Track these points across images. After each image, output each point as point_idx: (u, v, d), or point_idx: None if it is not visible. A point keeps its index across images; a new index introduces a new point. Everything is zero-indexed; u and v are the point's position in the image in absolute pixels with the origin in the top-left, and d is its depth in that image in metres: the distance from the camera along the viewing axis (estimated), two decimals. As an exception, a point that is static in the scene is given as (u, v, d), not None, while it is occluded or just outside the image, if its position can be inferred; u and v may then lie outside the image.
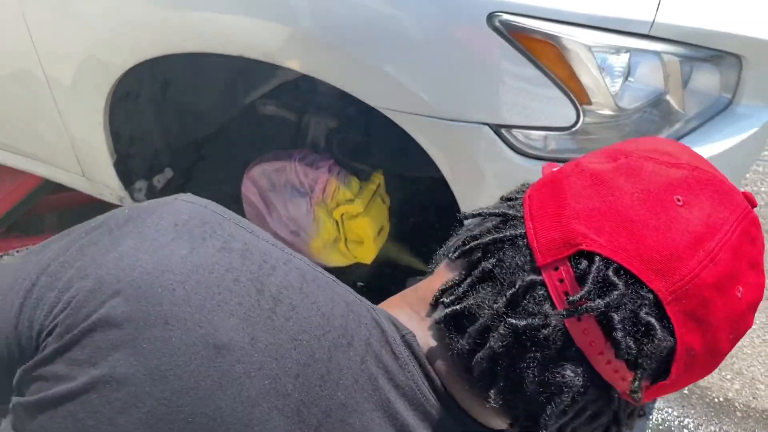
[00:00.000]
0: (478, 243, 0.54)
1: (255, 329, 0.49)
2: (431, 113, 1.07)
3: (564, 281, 0.48)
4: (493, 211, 0.57)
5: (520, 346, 0.49)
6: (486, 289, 0.52)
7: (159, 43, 1.17)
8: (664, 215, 0.48)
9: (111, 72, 1.26)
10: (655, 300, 0.47)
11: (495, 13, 0.98)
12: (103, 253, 0.51)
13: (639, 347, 0.47)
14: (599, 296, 0.46)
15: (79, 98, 1.36)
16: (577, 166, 0.54)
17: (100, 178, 1.57)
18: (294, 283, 0.53)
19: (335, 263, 1.61)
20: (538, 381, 0.49)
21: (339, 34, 1.08)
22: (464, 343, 0.52)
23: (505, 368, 0.50)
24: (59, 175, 1.68)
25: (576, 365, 0.48)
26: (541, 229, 0.51)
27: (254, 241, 0.55)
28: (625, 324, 0.47)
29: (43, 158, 1.66)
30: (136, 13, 1.16)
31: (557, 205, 0.51)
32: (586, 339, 0.48)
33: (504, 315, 0.50)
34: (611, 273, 0.47)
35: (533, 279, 0.49)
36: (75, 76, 1.31)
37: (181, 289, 0.49)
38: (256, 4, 1.09)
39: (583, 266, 0.48)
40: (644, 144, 0.55)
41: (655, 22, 1.02)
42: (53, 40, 1.28)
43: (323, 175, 1.43)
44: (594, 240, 0.48)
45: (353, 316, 0.54)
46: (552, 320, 0.48)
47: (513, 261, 0.52)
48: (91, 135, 1.44)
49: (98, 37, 1.22)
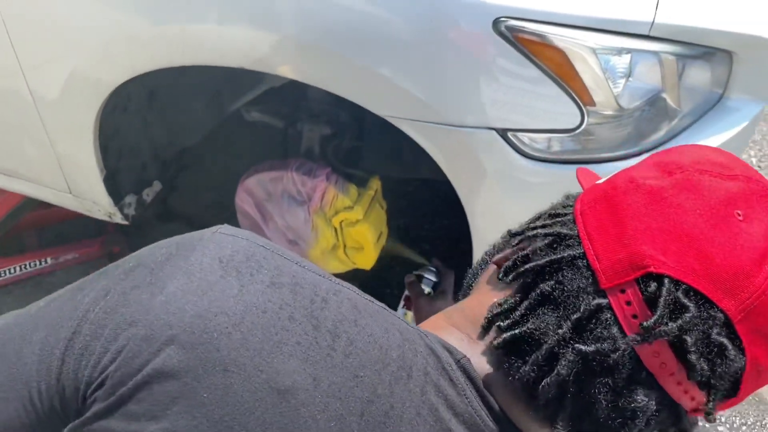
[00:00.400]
0: (535, 265, 0.53)
1: (316, 369, 0.48)
2: (439, 120, 1.07)
3: (632, 303, 0.47)
4: (548, 232, 0.55)
5: (588, 372, 0.48)
6: (547, 312, 0.51)
7: (155, 57, 1.14)
8: (727, 232, 0.48)
9: (102, 88, 1.23)
10: (726, 320, 0.46)
11: (500, 19, 0.98)
12: (148, 296, 0.48)
13: (712, 368, 0.47)
14: (671, 319, 0.46)
15: (68, 115, 1.32)
16: (631, 181, 0.53)
17: (89, 194, 1.53)
18: (348, 316, 0.51)
19: (334, 270, 1.60)
20: (610, 406, 0.48)
21: (338, 42, 1.07)
22: (528, 369, 0.50)
23: (574, 394, 0.49)
24: (44, 192, 1.63)
25: (647, 388, 0.48)
26: (602, 250, 0.50)
27: (302, 272, 0.52)
28: (699, 346, 0.46)
29: (26, 176, 1.60)
30: (130, 27, 1.12)
31: (617, 224, 0.50)
32: (656, 361, 0.47)
33: (571, 340, 0.49)
34: (681, 295, 0.46)
35: (599, 303, 0.48)
36: (63, 92, 1.27)
37: (237, 332, 0.47)
38: (257, 14, 1.07)
39: (652, 289, 0.47)
40: (693, 154, 0.54)
41: (654, 23, 1.03)
42: (39, 56, 1.24)
43: (321, 184, 1.42)
44: (661, 261, 0.47)
45: (409, 345, 0.52)
46: (622, 345, 0.47)
47: (574, 283, 0.50)
48: (79, 151, 1.40)
49: (89, 53, 1.19)
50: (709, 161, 0.53)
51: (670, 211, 0.49)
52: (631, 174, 0.54)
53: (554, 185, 1.07)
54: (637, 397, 0.47)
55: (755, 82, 1.26)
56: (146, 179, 1.67)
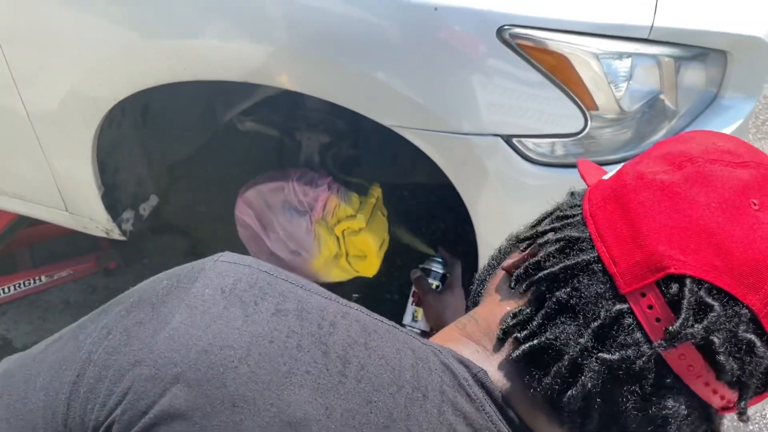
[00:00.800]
0: (549, 273, 0.51)
1: (328, 398, 0.46)
2: (443, 128, 1.08)
3: (654, 307, 0.45)
4: (559, 237, 0.53)
5: (615, 381, 0.46)
6: (565, 321, 0.49)
7: (156, 73, 1.13)
8: (744, 224, 0.46)
9: (101, 106, 1.21)
10: (752, 315, 0.44)
11: (504, 27, 0.99)
12: (151, 334, 0.47)
13: (741, 367, 0.45)
14: (696, 320, 0.44)
15: (66, 132, 1.30)
16: (641, 177, 0.50)
17: (86, 211, 1.51)
18: (358, 339, 0.49)
19: (336, 279, 1.60)
20: (639, 415, 0.47)
21: (339, 51, 1.07)
22: (550, 381, 0.49)
23: (601, 405, 0.47)
24: (38, 211, 1.61)
25: (676, 393, 0.46)
26: (618, 253, 0.48)
27: (308, 297, 0.51)
28: (726, 345, 0.44)
29: (19, 195, 1.58)
30: (131, 44, 1.11)
31: (631, 224, 0.48)
32: (683, 364, 0.45)
33: (593, 349, 0.47)
34: (704, 294, 0.44)
35: (620, 309, 0.46)
36: (61, 110, 1.25)
37: (244, 365, 0.45)
38: (256, 27, 1.07)
39: (674, 290, 0.45)
40: (701, 142, 0.52)
41: (653, 26, 1.05)
42: (36, 75, 1.23)
43: (323, 193, 1.42)
44: (681, 261, 0.45)
45: (423, 364, 0.51)
46: (648, 351, 0.45)
47: (591, 290, 0.48)
48: (77, 169, 1.38)
49: (87, 71, 1.17)
50: (717, 149, 0.51)
51: (684, 207, 0.47)
52: (640, 169, 0.52)
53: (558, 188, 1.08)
54: (667, 403, 0.46)
55: (748, 81, 1.29)
56: (142, 194, 1.65)
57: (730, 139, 0.53)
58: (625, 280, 0.47)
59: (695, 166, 0.49)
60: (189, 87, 1.24)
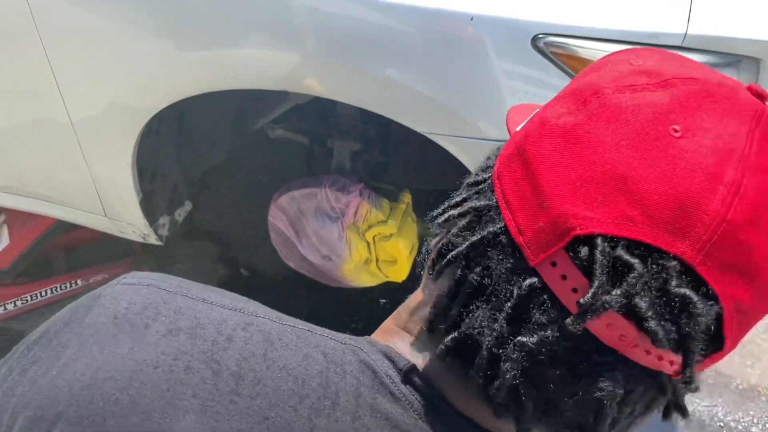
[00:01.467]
0: (457, 253, 0.45)
1: (218, 420, 0.42)
2: (477, 135, 1.10)
3: (567, 277, 0.39)
4: (463, 210, 0.46)
5: (539, 366, 0.40)
6: (480, 306, 0.43)
7: (195, 83, 1.17)
8: (663, 158, 0.38)
9: (142, 114, 1.26)
10: (683, 266, 0.37)
11: (539, 35, 1.01)
12: (43, 372, 0.44)
13: (679, 327, 0.38)
14: (613, 285, 0.37)
15: (107, 141, 1.34)
16: (543, 124, 0.43)
17: (125, 216, 1.56)
18: (257, 351, 0.45)
19: (366, 284, 1.62)
20: (573, 399, 0.41)
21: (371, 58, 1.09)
22: (474, 374, 0.44)
23: (531, 394, 0.42)
24: (78, 216, 1.66)
25: (611, 368, 0.39)
26: (522, 218, 0.41)
27: (207, 311, 0.47)
28: (656, 307, 0.37)
29: (60, 200, 1.63)
30: (170, 55, 1.15)
31: (534, 183, 0.41)
32: (614, 335, 0.38)
33: (511, 335, 0.41)
34: (622, 252, 0.37)
35: (531, 284, 0.40)
36: (102, 119, 1.30)
37: (125, 396, 0.42)
38: (290, 37, 1.10)
39: (584, 254, 0.38)
40: (612, 68, 0.44)
41: (687, 34, 1.06)
42: (81, 86, 1.27)
43: (355, 199, 1.44)
44: (589, 218, 0.38)
45: (334, 368, 0.46)
46: (567, 327, 0.38)
47: (501, 266, 0.42)
48: (117, 176, 1.42)
49: (130, 82, 1.22)
50: (633, 72, 0.42)
51: (588, 153, 0.40)
52: (544, 114, 0.44)
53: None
54: (601, 382, 0.39)
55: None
56: (177, 200, 1.70)
57: (651, 54, 0.45)
58: (532, 250, 0.40)
59: (601, 99, 0.41)
60: (221, 96, 1.28)
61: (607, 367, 0.39)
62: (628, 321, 0.38)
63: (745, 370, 1.84)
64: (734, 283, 0.38)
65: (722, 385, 1.81)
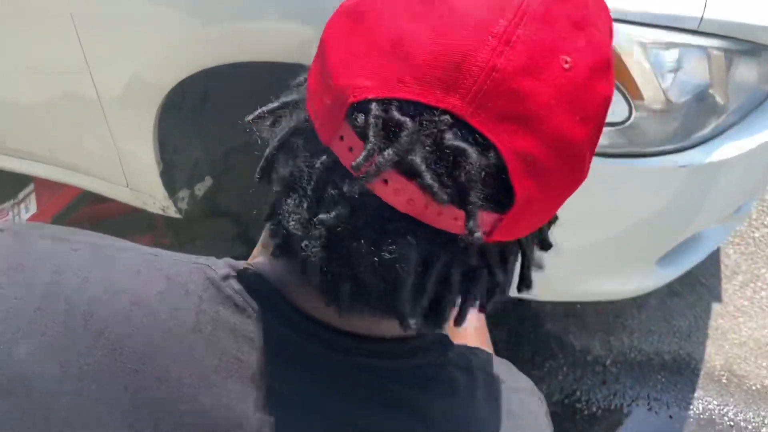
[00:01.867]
0: (269, 152, 0.46)
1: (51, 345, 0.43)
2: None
3: (354, 149, 0.39)
4: (272, 107, 0.48)
5: (343, 242, 0.41)
6: (293, 200, 0.43)
7: (214, 54, 1.20)
8: (433, 17, 0.39)
9: (163, 87, 1.29)
10: (454, 119, 0.38)
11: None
12: None
13: (456, 180, 0.38)
14: (387, 145, 0.38)
15: (130, 114, 1.38)
16: (336, 10, 0.45)
17: (146, 188, 1.60)
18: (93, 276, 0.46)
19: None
20: (376, 269, 0.41)
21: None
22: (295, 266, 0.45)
23: (340, 273, 0.42)
24: (101, 186, 1.70)
25: (404, 233, 0.40)
26: (317, 102, 0.42)
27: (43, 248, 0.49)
28: (430, 162, 0.38)
29: (85, 170, 1.68)
30: (192, 27, 1.19)
31: (323, 65, 0.43)
32: (402, 199, 0.39)
33: (313, 217, 0.42)
34: (394, 113, 0.38)
35: (324, 161, 0.41)
36: (126, 91, 1.34)
37: None
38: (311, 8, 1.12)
39: (361, 121, 0.39)
40: None
41: (703, 18, 1.05)
42: (106, 58, 1.31)
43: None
44: (364, 87, 0.39)
45: (176, 289, 0.47)
46: (354, 196, 0.39)
47: (303, 154, 0.43)
48: (139, 147, 1.46)
49: (153, 54, 1.25)
50: None
51: (369, 26, 0.41)
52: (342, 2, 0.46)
53: (600, 178, 1.09)
54: (395, 246, 0.40)
55: (804, 79, 1.26)
56: (198, 174, 1.73)
57: None
58: (325, 129, 0.41)
59: None
60: (247, 74, 1.31)
61: (401, 232, 0.40)
62: (410, 181, 0.38)
63: (760, 371, 1.81)
64: (513, 132, 0.38)
65: (735, 384, 1.78)
